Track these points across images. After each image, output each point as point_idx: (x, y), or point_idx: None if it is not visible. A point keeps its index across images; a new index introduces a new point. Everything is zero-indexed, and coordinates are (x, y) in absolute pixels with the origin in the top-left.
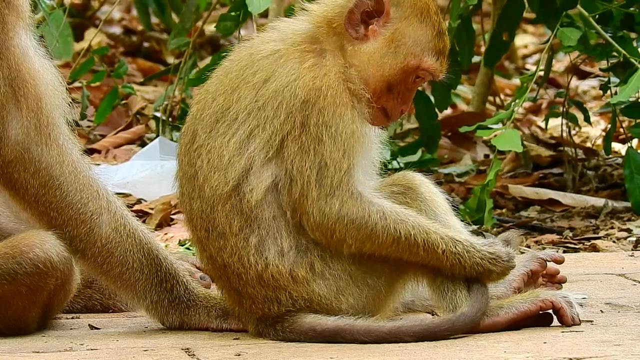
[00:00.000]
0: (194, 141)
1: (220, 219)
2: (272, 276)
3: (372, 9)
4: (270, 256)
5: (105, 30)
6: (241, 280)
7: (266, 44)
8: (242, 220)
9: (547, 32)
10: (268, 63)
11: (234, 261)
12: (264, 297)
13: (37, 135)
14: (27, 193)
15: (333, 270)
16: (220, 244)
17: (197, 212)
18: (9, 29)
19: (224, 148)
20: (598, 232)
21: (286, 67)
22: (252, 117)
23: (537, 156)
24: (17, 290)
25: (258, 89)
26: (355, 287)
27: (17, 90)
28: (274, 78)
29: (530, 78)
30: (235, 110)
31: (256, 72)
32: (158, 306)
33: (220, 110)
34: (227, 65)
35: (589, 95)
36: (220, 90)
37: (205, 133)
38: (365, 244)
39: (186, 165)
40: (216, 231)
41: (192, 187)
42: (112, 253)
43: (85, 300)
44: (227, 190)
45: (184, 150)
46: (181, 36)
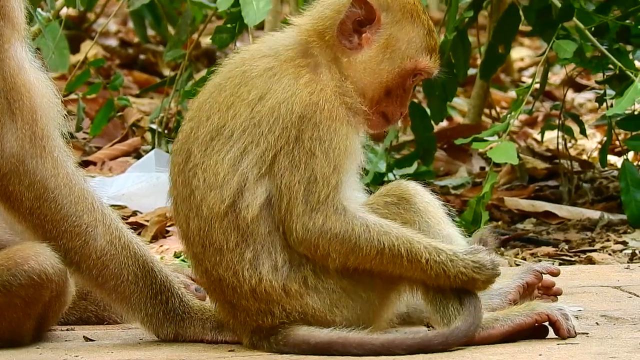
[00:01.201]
0: (188, 160)
1: (218, 235)
2: (265, 290)
3: (363, 17)
4: (265, 270)
5: (102, 42)
6: (236, 294)
7: (259, 61)
8: (239, 236)
9: (543, 44)
10: (263, 80)
11: (229, 275)
12: (257, 310)
13: (32, 148)
14: (22, 205)
15: (326, 284)
16: (217, 259)
17: (194, 230)
18: (4, 41)
19: (219, 166)
20: (594, 245)
21: (281, 84)
22: (247, 134)
23: (533, 168)
24: (11, 302)
25: (254, 106)
26: (349, 300)
27: (12, 103)
28: (270, 95)
29: (526, 90)
30: (231, 128)
31: (251, 90)
32: (153, 318)
33: (215, 128)
34: (219, 82)
35: (585, 108)
36: (215, 109)
37: (200, 152)
38: (349, 257)
39: (181, 185)
40: (213, 247)
41: (189, 207)
42: (107, 266)
43: (80, 312)
44: (224, 208)
45: (177, 170)
46: (177, 48)
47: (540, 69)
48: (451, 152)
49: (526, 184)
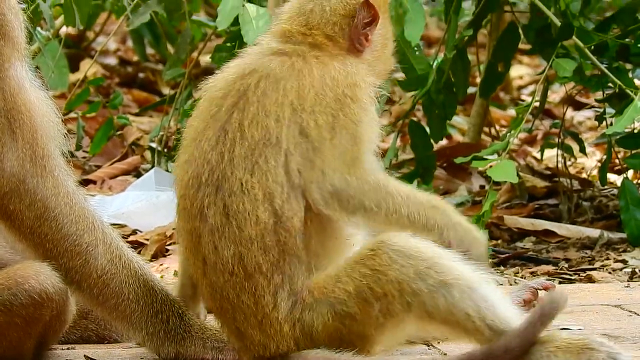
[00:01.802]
0: (221, 188)
1: (255, 257)
2: (271, 322)
3: (369, 19)
4: (281, 300)
5: (101, 61)
6: (246, 321)
7: (273, 63)
8: (278, 253)
9: (543, 63)
10: (293, 79)
11: (249, 301)
12: (259, 342)
13: (33, 167)
14: (23, 224)
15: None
16: (244, 285)
17: (225, 259)
18: (4, 61)
19: (270, 176)
20: (594, 263)
21: (313, 74)
22: (294, 132)
23: (533, 187)
24: (12, 321)
25: (294, 104)
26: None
27: (13, 122)
28: (307, 87)
29: (525, 109)
30: (277, 133)
31: (285, 91)
32: (154, 337)
33: (259, 140)
34: (234, 102)
35: (585, 126)
36: (250, 123)
37: (242, 171)
38: (382, 205)
39: (213, 216)
40: (244, 272)
41: (222, 235)
42: (107, 284)
43: (81, 331)
44: (272, 223)
45: (207, 202)
46: (176, 67)
47: (540, 87)
48: (451, 171)
49: (526, 203)
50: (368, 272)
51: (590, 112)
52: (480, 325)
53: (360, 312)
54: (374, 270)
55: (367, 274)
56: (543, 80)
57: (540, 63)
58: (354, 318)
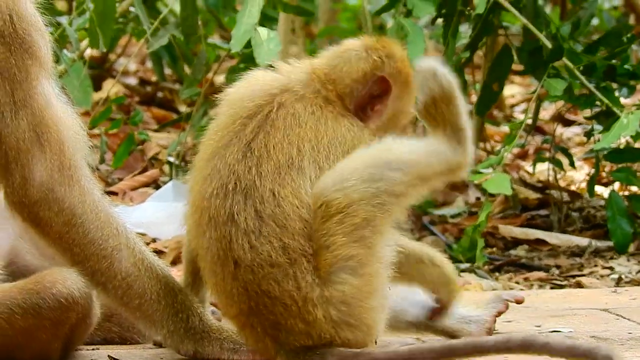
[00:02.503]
0: (250, 196)
1: (297, 247)
2: (310, 308)
3: (378, 92)
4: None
5: (122, 81)
6: (287, 312)
7: (296, 105)
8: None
9: (534, 82)
10: (312, 123)
11: (292, 286)
12: (300, 331)
13: (61, 177)
14: (52, 231)
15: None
16: (289, 272)
17: (256, 255)
18: (32, 79)
19: (302, 189)
20: (583, 270)
21: (328, 126)
22: (315, 162)
23: (525, 199)
24: (41, 324)
25: (313, 142)
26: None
27: (41, 135)
28: (322, 134)
29: (518, 126)
30: (299, 162)
31: (306, 131)
32: (174, 335)
33: (284, 163)
34: (261, 125)
35: (573, 142)
36: (275, 147)
37: (272, 183)
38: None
39: (244, 221)
40: (290, 259)
41: (259, 235)
42: (131, 286)
43: (105, 332)
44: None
45: (237, 208)
46: (193, 87)
47: (532, 105)
48: (449, 183)
49: (519, 213)
50: (340, 217)
51: (579, 128)
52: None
53: (362, 251)
54: (340, 212)
55: (339, 219)
56: (535, 98)
57: (531, 82)
58: (362, 260)
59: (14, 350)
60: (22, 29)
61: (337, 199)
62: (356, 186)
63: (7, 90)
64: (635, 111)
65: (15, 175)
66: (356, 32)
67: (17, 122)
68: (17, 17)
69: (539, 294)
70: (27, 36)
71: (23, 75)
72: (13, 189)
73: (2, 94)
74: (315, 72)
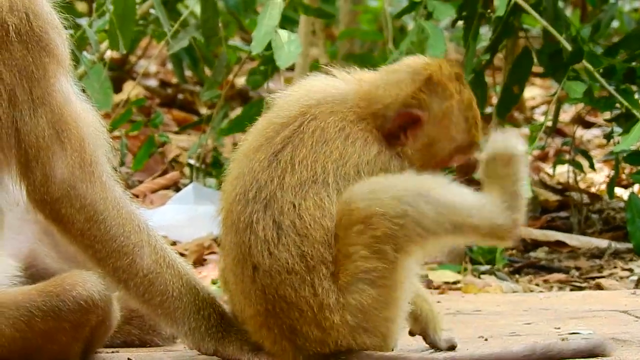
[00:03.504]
0: (272, 204)
1: (316, 255)
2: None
3: (409, 121)
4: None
5: (143, 82)
6: (302, 318)
7: (328, 118)
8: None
9: (554, 84)
10: (340, 142)
11: (308, 293)
12: (316, 338)
13: (82, 174)
14: (74, 227)
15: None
16: (306, 278)
17: (283, 260)
18: (50, 76)
19: (326, 202)
20: (602, 272)
21: (355, 148)
22: (339, 180)
23: (545, 201)
24: (61, 326)
25: (337, 163)
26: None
27: (61, 133)
28: (349, 157)
29: (538, 128)
30: (324, 177)
31: (332, 150)
32: (195, 332)
33: (307, 178)
34: (291, 136)
35: (593, 144)
36: (300, 161)
37: (294, 194)
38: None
39: (265, 229)
40: (308, 267)
41: (278, 243)
42: (153, 283)
43: (125, 335)
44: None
45: (259, 215)
46: (213, 89)
47: (552, 107)
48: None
49: (539, 215)
50: (361, 227)
51: (598, 130)
52: (474, 222)
53: (381, 265)
54: (362, 222)
55: (360, 229)
56: (555, 101)
57: (551, 85)
58: (383, 275)
59: (33, 352)
60: (39, 27)
61: (360, 208)
62: (383, 200)
63: (25, 88)
64: None
65: (36, 173)
66: (377, 34)
67: (36, 119)
68: (33, 15)
69: (559, 295)
70: (44, 34)
71: (41, 73)
72: (34, 187)
73: (20, 92)
74: (360, 86)
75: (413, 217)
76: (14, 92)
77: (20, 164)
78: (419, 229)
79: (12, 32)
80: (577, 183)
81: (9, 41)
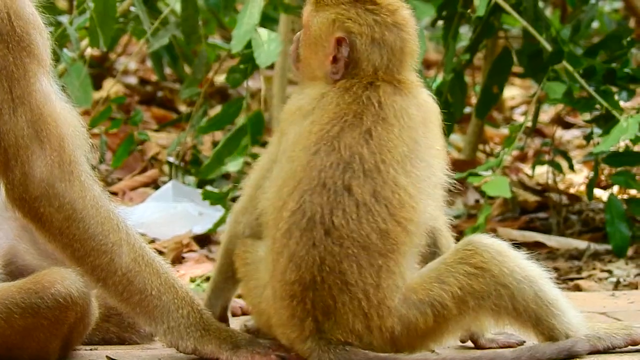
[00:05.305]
0: (366, 177)
1: (396, 237)
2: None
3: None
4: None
5: (122, 80)
6: (352, 304)
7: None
8: (411, 242)
9: (533, 84)
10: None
11: (371, 280)
12: (356, 330)
13: (61, 173)
14: (52, 226)
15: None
16: (375, 262)
17: (365, 233)
18: (30, 76)
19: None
20: (581, 273)
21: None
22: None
23: (524, 201)
24: (39, 323)
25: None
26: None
27: (40, 132)
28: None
29: (518, 128)
30: (421, 154)
31: (413, 118)
32: (174, 331)
33: (410, 153)
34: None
35: (573, 145)
36: (400, 139)
37: (396, 170)
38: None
39: (361, 194)
40: (384, 248)
41: (368, 211)
42: (131, 281)
43: (103, 332)
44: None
45: (345, 184)
46: (193, 86)
47: (532, 108)
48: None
49: (518, 216)
50: (472, 270)
51: (578, 131)
52: (553, 323)
53: (455, 311)
54: (478, 267)
55: (471, 272)
56: (535, 101)
57: (530, 85)
58: (448, 317)
59: (12, 349)
60: (20, 27)
61: (480, 258)
62: (504, 264)
63: (4, 87)
64: (634, 115)
65: (15, 172)
66: None
67: (16, 119)
68: (14, 15)
69: None
70: (25, 34)
71: (21, 73)
72: (13, 186)
73: (0, 91)
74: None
75: (512, 293)
76: None
77: (0, 162)
78: (509, 304)
79: None
80: (556, 184)
81: None
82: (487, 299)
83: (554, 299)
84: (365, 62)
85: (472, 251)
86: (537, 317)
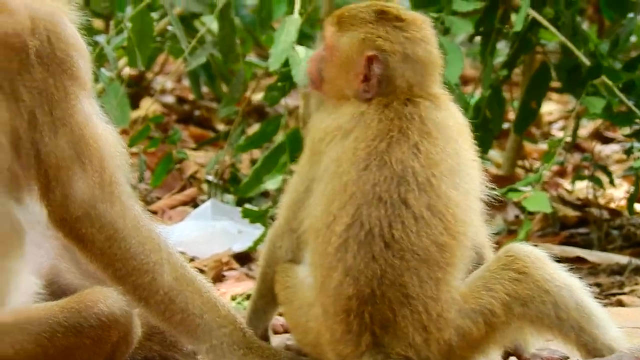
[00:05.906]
0: (420, 191)
1: (453, 250)
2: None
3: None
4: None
5: (160, 99)
6: (412, 317)
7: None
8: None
9: (571, 99)
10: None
11: (430, 292)
12: (414, 343)
13: (102, 194)
14: (94, 246)
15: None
16: (434, 275)
17: (424, 246)
18: (72, 98)
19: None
20: (623, 288)
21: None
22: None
23: (564, 216)
24: (82, 342)
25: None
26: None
27: (81, 153)
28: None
29: (557, 143)
30: (464, 167)
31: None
32: (217, 349)
33: (454, 167)
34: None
35: (612, 159)
36: (444, 153)
37: (446, 185)
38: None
39: (418, 206)
40: (443, 261)
41: (426, 224)
42: (173, 300)
43: (146, 351)
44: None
45: (401, 198)
46: (231, 105)
47: (571, 123)
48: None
49: (558, 231)
50: (516, 276)
51: (618, 146)
52: (597, 333)
53: (504, 318)
54: (521, 272)
55: (515, 277)
56: (574, 116)
57: (569, 100)
58: (496, 325)
59: None
60: (61, 50)
61: (522, 263)
62: (544, 270)
63: (45, 110)
64: None
65: (56, 193)
66: None
67: (57, 140)
68: (55, 38)
69: None
70: (65, 57)
71: (62, 95)
72: (54, 207)
73: (40, 114)
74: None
75: (554, 300)
76: (33, 113)
77: (41, 183)
78: (552, 312)
79: (33, 55)
80: (596, 199)
81: (29, 64)
82: (531, 305)
83: (595, 310)
84: (400, 78)
85: (513, 257)
86: (580, 327)
